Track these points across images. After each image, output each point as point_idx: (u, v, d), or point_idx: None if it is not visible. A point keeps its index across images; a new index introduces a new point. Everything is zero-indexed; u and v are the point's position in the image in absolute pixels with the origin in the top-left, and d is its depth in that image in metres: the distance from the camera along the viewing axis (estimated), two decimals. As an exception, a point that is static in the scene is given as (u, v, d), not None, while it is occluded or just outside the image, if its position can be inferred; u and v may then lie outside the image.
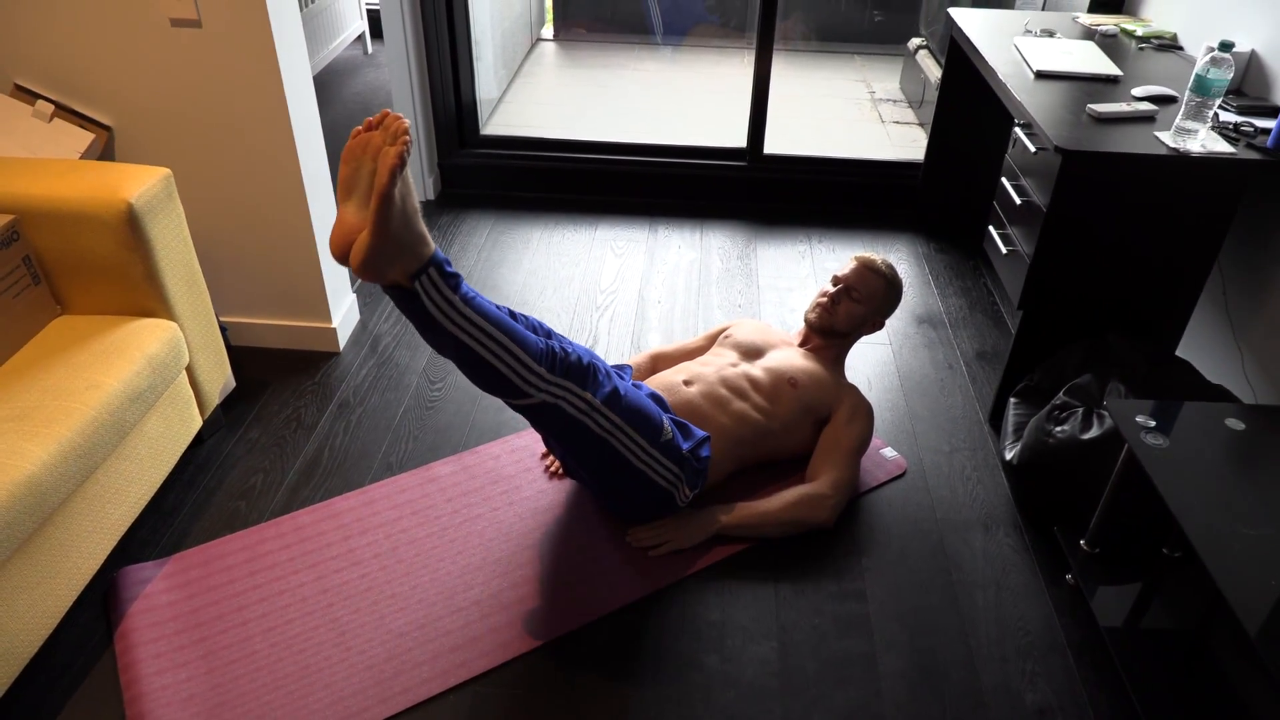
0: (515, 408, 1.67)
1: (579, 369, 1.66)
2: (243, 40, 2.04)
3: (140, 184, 1.79)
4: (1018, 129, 2.20)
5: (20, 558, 1.47)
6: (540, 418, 1.70)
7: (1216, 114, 2.01)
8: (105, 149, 2.18)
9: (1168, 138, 1.92)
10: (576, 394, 1.65)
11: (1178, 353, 2.26)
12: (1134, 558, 1.84)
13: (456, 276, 1.54)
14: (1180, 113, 1.92)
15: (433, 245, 1.51)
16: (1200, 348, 2.32)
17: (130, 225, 1.76)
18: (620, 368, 2.09)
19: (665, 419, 1.81)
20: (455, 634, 1.69)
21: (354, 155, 1.47)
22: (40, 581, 1.52)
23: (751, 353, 2.13)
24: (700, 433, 1.90)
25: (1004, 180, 2.26)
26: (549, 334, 1.75)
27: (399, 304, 1.53)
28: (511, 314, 1.67)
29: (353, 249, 1.45)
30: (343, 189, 1.48)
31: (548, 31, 5.46)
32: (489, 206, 3.29)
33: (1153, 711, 1.54)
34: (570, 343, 1.71)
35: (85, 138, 2.13)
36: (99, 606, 1.74)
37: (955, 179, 3.13)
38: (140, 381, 1.73)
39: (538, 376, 1.60)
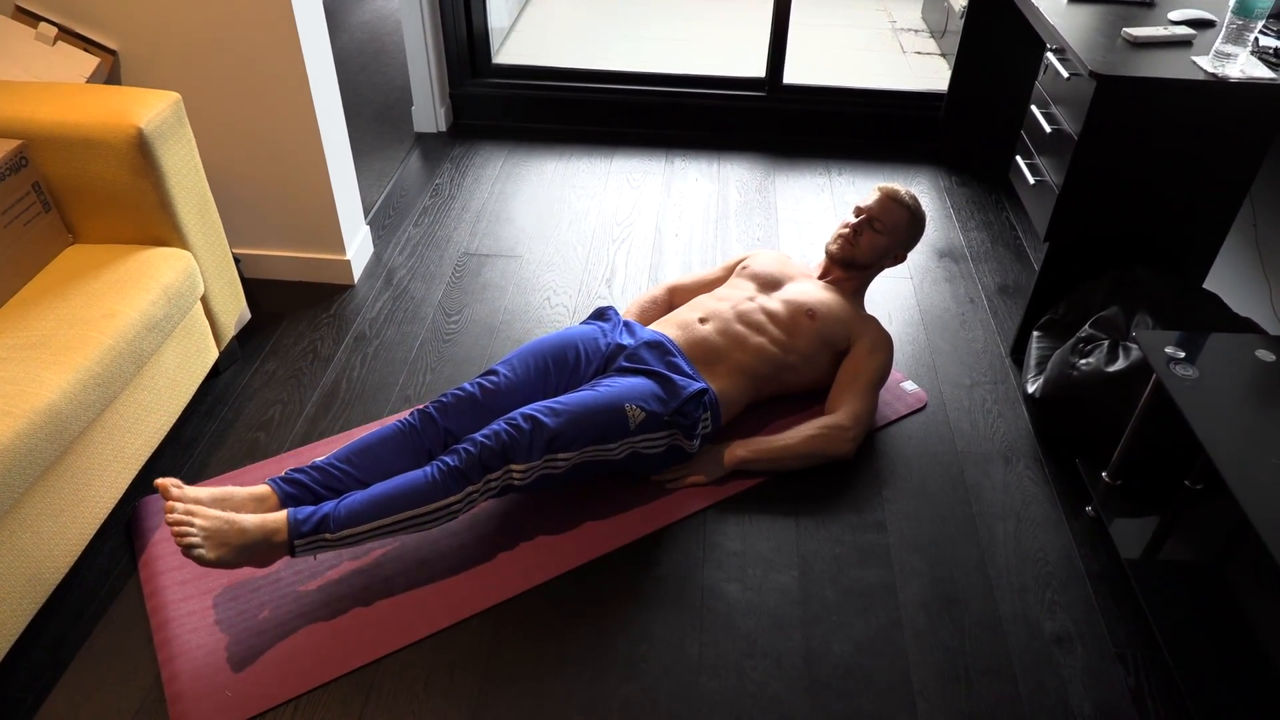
0: None
1: (496, 452, 1.62)
2: (250, -40, 1.98)
3: (151, 108, 1.75)
4: (1049, 54, 2.13)
5: (43, 485, 1.47)
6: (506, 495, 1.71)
7: (1257, 38, 1.94)
8: (111, 74, 2.13)
9: (1205, 62, 1.85)
10: (508, 471, 1.64)
11: (1204, 285, 2.22)
12: (1155, 490, 1.83)
13: (322, 521, 1.55)
14: (1219, 36, 1.85)
15: (282, 528, 1.53)
16: (1228, 280, 2.28)
17: (141, 151, 1.73)
18: (604, 314, 2.02)
19: (629, 403, 1.73)
20: (479, 562, 1.70)
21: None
22: (63, 509, 1.53)
23: (769, 284, 2.10)
24: (691, 386, 1.81)
25: (1033, 108, 2.19)
26: (470, 400, 1.75)
27: None
28: (406, 430, 1.71)
29: None
30: None
31: (558, -42, 5.30)
32: (502, 138, 3.23)
33: (1172, 640, 1.54)
34: (480, 433, 1.65)
35: (90, 62, 2.08)
36: (122, 535, 1.75)
37: (979, 111, 3.06)
38: (156, 310, 1.72)
39: (454, 502, 1.61)
